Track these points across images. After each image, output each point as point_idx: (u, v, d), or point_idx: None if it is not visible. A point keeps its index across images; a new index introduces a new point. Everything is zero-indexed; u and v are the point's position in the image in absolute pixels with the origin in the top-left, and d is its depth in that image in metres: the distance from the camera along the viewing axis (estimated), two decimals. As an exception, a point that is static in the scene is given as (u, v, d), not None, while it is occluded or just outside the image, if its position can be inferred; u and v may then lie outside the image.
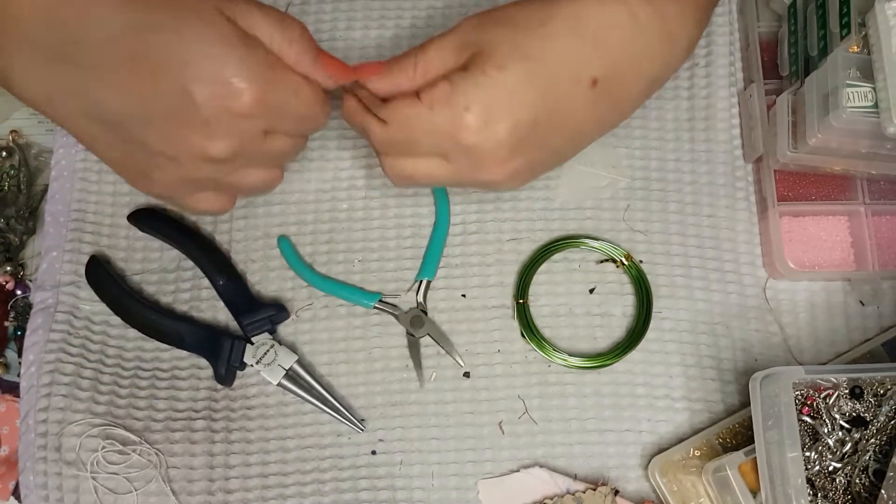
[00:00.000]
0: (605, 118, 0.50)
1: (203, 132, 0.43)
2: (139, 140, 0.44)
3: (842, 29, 0.53)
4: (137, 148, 0.45)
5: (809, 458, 0.49)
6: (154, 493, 0.54)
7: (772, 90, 0.61)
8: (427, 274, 0.58)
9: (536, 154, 0.48)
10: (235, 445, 0.56)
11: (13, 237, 0.60)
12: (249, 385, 0.57)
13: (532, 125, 0.46)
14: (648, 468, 0.55)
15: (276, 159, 0.49)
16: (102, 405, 0.56)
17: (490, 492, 0.55)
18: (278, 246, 0.59)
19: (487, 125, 0.45)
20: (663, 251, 0.59)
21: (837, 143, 0.54)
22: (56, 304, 0.58)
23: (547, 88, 0.46)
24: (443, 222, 0.59)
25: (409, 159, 0.48)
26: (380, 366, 0.57)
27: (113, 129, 0.44)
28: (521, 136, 0.46)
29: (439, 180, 0.49)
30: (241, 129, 0.44)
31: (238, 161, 0.46)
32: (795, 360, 0.58)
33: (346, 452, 0.56)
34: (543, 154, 0.49)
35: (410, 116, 0.46)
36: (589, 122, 0.49)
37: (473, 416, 0.56)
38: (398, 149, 0.48)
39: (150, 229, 0.59)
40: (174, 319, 0.57)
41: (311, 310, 0.58)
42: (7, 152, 0.61)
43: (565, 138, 0.49)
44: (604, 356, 0.57)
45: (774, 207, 0.58)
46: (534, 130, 0.46)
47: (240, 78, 0.42)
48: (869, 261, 0.58)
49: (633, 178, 0.61)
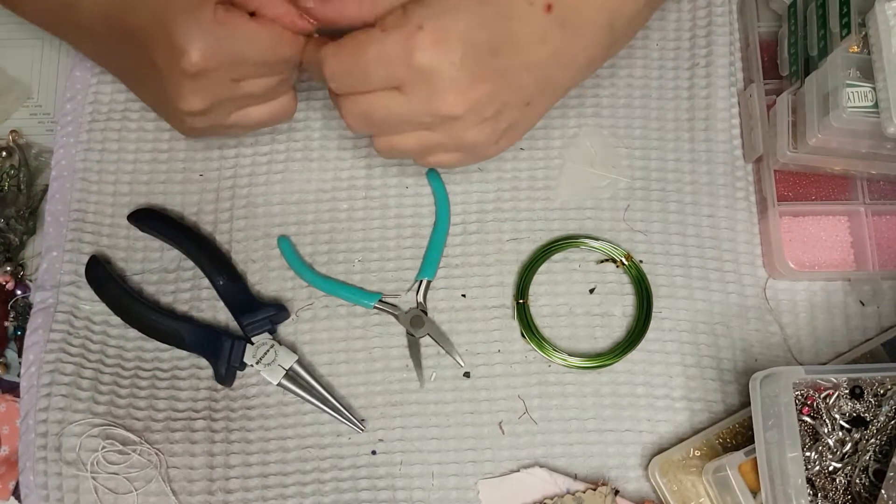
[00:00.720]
0: (564, 50, 0.49)
1: (175, 93, 0.48)
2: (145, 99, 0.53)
3: (842, 29, 0.53)
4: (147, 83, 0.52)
5: (809, 458, 0.49)
6: (154, 493, 0.54)
7: (772, 90, 0.61)
8: (427, 274, 0.58)
9: (497, 86, 0.47)
10: (235, 445, 0.56)
11: (13, 237, 0.60)
12: (249, 385, 0.57)
13: (487, 49, 0.45)
14: (648, 468, 0.55)
15: (269, 94, 0.51)
16: (102, 405, 0.56)
17: (490, 492, 0.55)
18: (278, 246, 0.59)
19: (440, 43, 0.44)
20: (663, 251, 0.59)
21: (837, 143, 0.54)
22: (56, 304, 0.58)
23: (500, 10, 0.45)
24: (443, 222, 0.59)
25: (364, 96, 0.47)
26: (380, 366, 0.57)
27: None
28: (478, 60, 0.45)
29: (397, 117, 0.47)
30: (204, 84, 0.47)
31: (227, 107, 0.49)
32: (795, 360, 0.58)
33: (346, 452, 0.56)
34: (505, 87, 0.47)
35: (362, 42, 0.45)
36: (547, 52, 0.48)
37: (473, 416, 0.56)
38: (352, 82, 0.47)
39: (150, 229, 0.59)
40: (174, 319, 0.57)
41: (312, 310, 0.58)
42: (7, 152, 0.61)
43: (526, 71, 0.48)
44: (604, 356, 0.57)
45: (774, 207, 0.58)
46: (490, 56, 0.45)
47: (184, 40, 0.45)
48: (869, 261, 0.58)
49: (633, 178, 0.61)
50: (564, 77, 0.51)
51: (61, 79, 0.64)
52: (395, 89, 0.46)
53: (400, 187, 0.61)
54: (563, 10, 0.47)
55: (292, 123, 0.62)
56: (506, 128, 0.50)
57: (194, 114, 0.49)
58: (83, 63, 0.63)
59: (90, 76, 0.63)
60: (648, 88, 0.63)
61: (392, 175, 0.61)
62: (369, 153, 0.61)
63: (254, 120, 0.52)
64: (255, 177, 0.61)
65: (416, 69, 0.45)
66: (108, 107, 0.62)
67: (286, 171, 0.61)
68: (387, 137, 0.50)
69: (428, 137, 0.49)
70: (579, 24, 0.48)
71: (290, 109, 0.53)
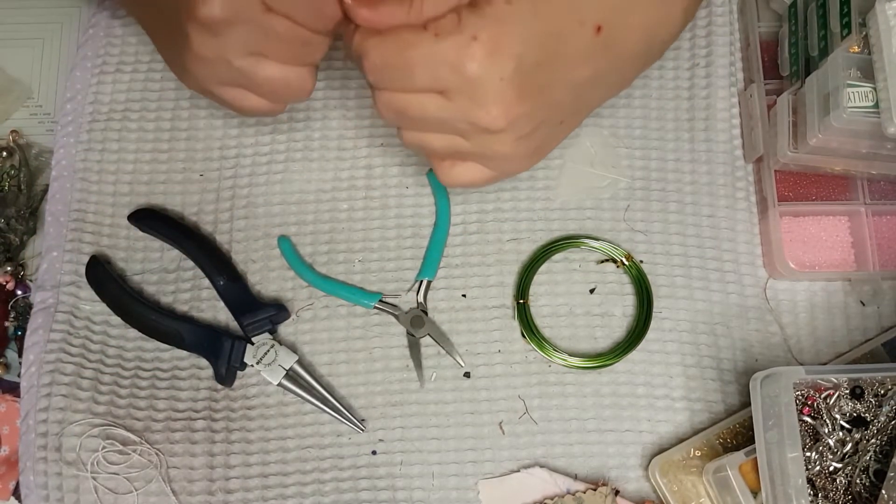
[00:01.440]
0: (604, 71, 0.49)
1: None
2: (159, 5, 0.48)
3: (842, 29, 0.53)
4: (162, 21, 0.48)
5: (810, 458, 0.49)
6: (154, 493, 0.54)
7: (772, 90, 0.61)
8: (427, 274, 0.58)
9: (538, 103, 0.46)
10: (236, 445, 0.56)
11: (13, 237, 0.60)
12: (250, 385, 0.57)
13: (536, 65, 0.45)
14: (649, 468, 0.55)
15: (288, 50, 0.47)
16: (103, 405, 0.56)
17: (490, 492, 0.55)
18: (278, 246, 0.59)
19: (494, 56, 0.43)
20: (663, 251, 0.59)
21: (838, 143, 0.54)
22: (56, 304, 0.58)
23: (552, 27, 0.45)
24: (443, 222, 0.59)
25: (404, 94, 0.46)
26: (380, 366, 0.57)
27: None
28: (526, 75, 0.44)
29: (434, 118, 0.46)
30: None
31: (243, 39, 0.45)
32: (795, 360, 0.58)
33: (346, 452, 0.56)
34: (545, 105, 0.47)
35: (413, 43, 0.44)
36: (589, 75, 0.48)
37: (473, 416, 0.56)
38: (394, 79, 0.45)
39: (150, 229, 0.59)
40: (174, 319, 0.57)
41: (312, 310, 0.58)
42: (7, 152, 0.61)
43: (566, 90, 0.48)
44: (604, 356, 0.57)
45: (775, 207, 0.58)
46: (538, 72, 0.45)
47: None
48: (869, 261, 0.58)
49: (633, 178, 0.61)
50: (598, 97, 0.52)
51: (61, 79, 0.64)
52: (438, 93, 0.45)
53: (400, 187, 0.61)
54: (611, 32, 0.47)
55: (292, 123, 0.62)
56: (538, 145, 0.50)
57: (212, 25, 0.44)
58: (83, 63, 0.63)
59: (90, 76, 0.63)
60: (648, 88, 0.63)
61: (392, 175, 0.61)
62: (369, 153, 0.61)
63: (265, 75, 0.47)
64: (255, 177, 0.61)
65: (465, 78, 0.44)
66: (109, 107, 0.62)
67: (286, 171, 0.61)
68: (417, 133, 0.48)
69: (458, 143, 0.48)
70: (622, 48, 0.49)
71: (307, 86, 0.49)
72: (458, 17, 0.43)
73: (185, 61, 0.48)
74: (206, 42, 0.46)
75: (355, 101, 0.62)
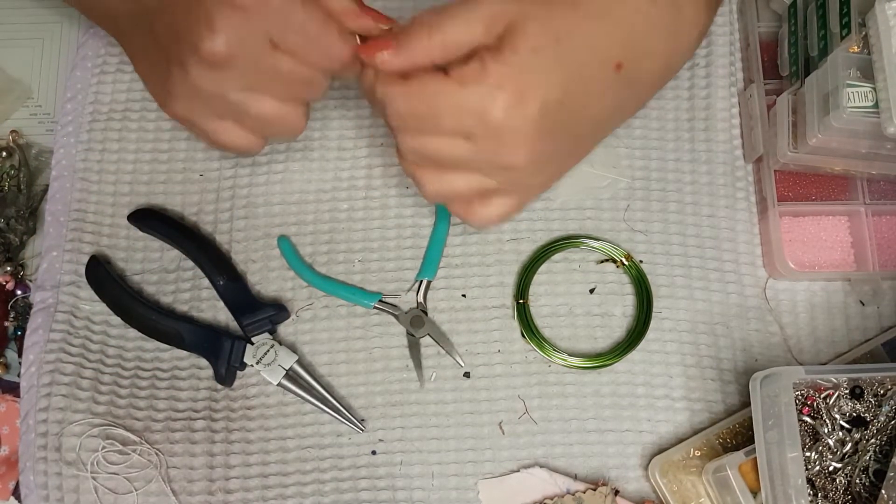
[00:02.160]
0: (625, 105, 0.51)
1: (205, 22, 0.44)
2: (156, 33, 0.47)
3: (842, 29, 0.53)
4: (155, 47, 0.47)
5: (810, 458, 0.49)
6: (154, 493, 0.54)
7: (772, 90, 0.61)
8: (427, 274, 0.58)
9: (560, 140, 0.48)
10: (235, 445, 0.56)
11: (13, 237, 0.60)
12: (249, 385, 0.57)
13: (559, 106, 0.45)
14: (648, 468, 0.55)
15: (288, 88, 0.48)
16: (102, 405, 0.56)
17: (490, 492, 0.55)
18: (278, 246, 0.59)
19: (519, 105, 0.44)
20: (663, 251, 0.59)
21: (837, 143, 0.54)
22: (56, 304, 0.58)
23: (576, 70, 0.45)
24: (443, 222, 0.59)
25: (428, 137, 0.46)
26: (380, 366, 0.57)
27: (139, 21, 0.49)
28: (550, 117, 0.45)
29: (458, 159, 0.47)
30: (242, 26, 0.44)
31: (244, 74, 0.45)
32: (795, 360, 0.58)
33: (346, 452, 0.56)
34: (566, 141, 0.49)
35: (438, 92, 0.44)
36: (610, 108, 0.49)
37: (473, 416, 0.56)
38: (418, 125, 0.46)
39: (150, 229, 0.59)
40: (174, 319, 0.57)
41: (312, 310, 0.58)
42: (7, 152, 0.61)
43: (588, 124, 0.49)
44: (604, 356, 0.57)
45: (774, 207, 0.58)
46: (560, 111, 0.46)
47: None
48: (869, 261, 0.58)
49: (633, 178, 0.61)
50: (615, 124, 0.53)
51: (61, 79, 0.64)
52: (462, 136, 0.46)
53: (400, 187, 0.61)
54: (630, 67, 0.47)
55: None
56: (559, 171, 0.52)
57: (215, 61, 0.45)
58: (83, 63, 0.63)
59: (90, 76, 0.63)
60: (648, 88, 0.63)
61: (392, 175, 0.61)
62: (370, 153, 0.61)
63: (259, 111, 0.48)
64: (255, 177, 0.61)
65: (491, 125, 0.44)
66: (109, 107, 0.62)
67: (286, 171, 0.61)
68: (439, 177, 0.49)
69: (482, 181, 0.48)
70: (642, 80, 0.50)
71: (300, 124, 0.50)
72: (481, 65, 0.44)
73: (175, 90, 0.48)
74: (205, 75, 0.46)
75: (355, 101, 0.62)
